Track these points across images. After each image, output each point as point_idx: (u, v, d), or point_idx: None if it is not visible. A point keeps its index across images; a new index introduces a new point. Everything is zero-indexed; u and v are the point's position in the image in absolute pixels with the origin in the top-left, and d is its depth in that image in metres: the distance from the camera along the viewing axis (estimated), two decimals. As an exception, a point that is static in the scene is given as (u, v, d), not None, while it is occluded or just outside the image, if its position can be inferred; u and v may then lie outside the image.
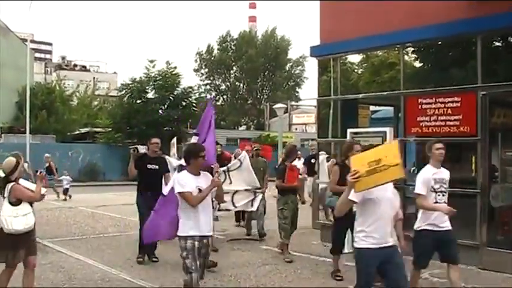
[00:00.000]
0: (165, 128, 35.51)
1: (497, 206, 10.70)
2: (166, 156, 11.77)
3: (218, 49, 69.71)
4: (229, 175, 12.27)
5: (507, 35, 11.14)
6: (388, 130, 11.44)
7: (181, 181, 6.77)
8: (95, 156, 37.09)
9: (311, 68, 77.16)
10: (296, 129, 62.49)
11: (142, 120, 35.46)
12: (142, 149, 11.12)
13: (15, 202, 7.49)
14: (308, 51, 14.60)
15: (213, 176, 7.20)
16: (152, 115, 35.86)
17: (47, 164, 22.69)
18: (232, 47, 69.96)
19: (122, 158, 33.20)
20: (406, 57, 12.64)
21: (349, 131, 12.14)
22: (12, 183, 7.51)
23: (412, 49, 12.72)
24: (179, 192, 6.71)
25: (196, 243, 6.73)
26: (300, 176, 14.25)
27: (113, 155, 35.62)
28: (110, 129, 37.88)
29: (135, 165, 10.77)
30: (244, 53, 67.46)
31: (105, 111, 48.15)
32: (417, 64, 13.11)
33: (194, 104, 39.16)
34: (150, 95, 37.57)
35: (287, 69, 71.71)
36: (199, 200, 6.69)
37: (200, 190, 6.74)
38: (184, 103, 38.13)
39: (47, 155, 23.74)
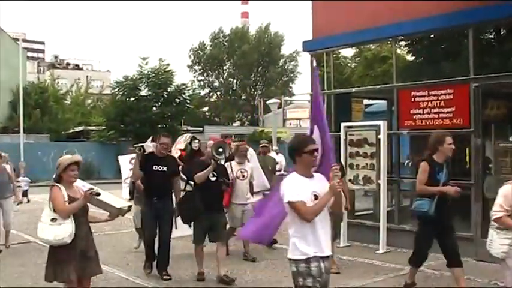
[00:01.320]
0: (159, 125, 35.48)
1: (491, 198, 10.72)
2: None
3: (210, 45, 69.58)
4: None
5: (498, 27, 11.19)
6: (382, 123, 11.46)
7: (291, 186, 5.20)
8: (89, 154, 36.97)
9: (304, 62, 77.19)
10: (290, 124, 62.51)
11: (136, 117, 35.42)
12: (150, 148, 9.55)
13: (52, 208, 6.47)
14: (301, 46, 14.58)
15: None
16: (146, 112, 35.82)
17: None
18: (224, 43, 69.84)
19: (116, 156, 33.14)
20: (398, 51, 12.67)
21: (342, 125, 12.15)
22: (54, 186, 6.53)
23: (405, 42, 12.75)
24: (289, 202, 5.13)
25: (322, 265, 5.22)
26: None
27: (107, 153, 35.57)
28: (104, 127, 37.81)
29: (141, 166, 9.29)
30: (237, 48, 67.37)
31: (99, 110, 48.06)
32: (410, 57, 13.15)
33: (188, 101, 39.13)
34: (144, 92, 37.51)
35: (280, 64, 71.63)
36: (315, 212, 5.10)
37: (316, 197, 5.17)
38: (178, 100, 38.09)
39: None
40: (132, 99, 36.99)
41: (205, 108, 65.82)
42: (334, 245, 8.62)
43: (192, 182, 9.41)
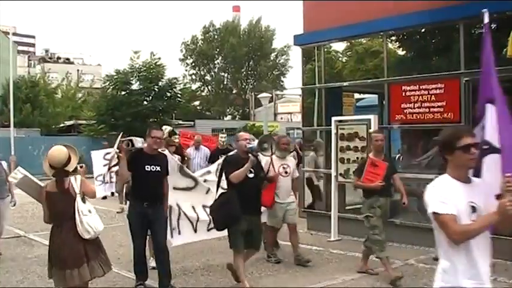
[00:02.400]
0: (150, 120, 35.41)
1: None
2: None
3: (202, 39, 69.51)
4: None
5: (489, 22, 11.19)
6: (373, 118, 11.48)
7: (438, 193, 3.90)
8: (80, 149, 35.84)
9: (296, 57, 77.21)
10: (282, 118, 62.55)
11: (127, 111, 35.28)
12: (139, 143, 8.54)
13: (83, 199, 6.55)
14: (292, 40, 14.59)
15: None
16: (137, 106, 35.67)
17: None
18: (216, 37, 69.79)
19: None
20: (389, 45, 12.69)
21: (333, 119, 12.18)
22: (79, 176, 6.58)
23: (396, 37, 12.77)
24: (435, 213, 3.82)
25: None
26: None
27: (98, 147, 35.37)
28: (94, 121, 37.68)
29: (129, 166, 7.98)
30: (227, 42, 67.34)
31: (90, 104, 47.89)
32: (401, 51, 13.18)
33: (179, 95, 39.04)
34: (135, 86, 37.36)
35: (272, 58, 71.67)
36: (468, 234, 3.78)
37: (474, 209, 3.84)
38: (169, 94, 37.99)
39: None
40: (123, 93, 36.85)
41: (197, 102, 65.77)
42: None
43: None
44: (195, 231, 9.31)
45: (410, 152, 12.84)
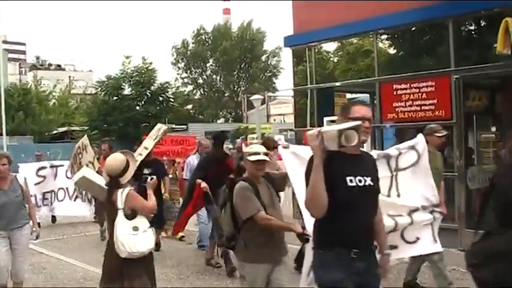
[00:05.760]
0: (143, 124, 35.38)
1: (474, 188, 10.80)
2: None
3: (193, 43, 69.43)
4: (396, 180, 6.55)
5: (478, 19, 11.26)
6: (365, 117, 11.48)
7: None
8: (73, 155, 36.74)
9: (287, 58, 77.21)
10: (274, 120, 62.49)
11: (119, 117, 35.23)
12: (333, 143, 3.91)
13: (131, 215, 5.95)
14: (282, 41, 14.65)
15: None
16: (129, 112, 35.63)
17: None
18: (207, 40, 69.72)
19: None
20: (380, 44, 12.72)
21: (326, 119, 12.19)
22: (127, 189, 6.02)
23: (386, 36, 12.80)
24: None
25: None
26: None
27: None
28: (87, 127, 37.59)
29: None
30: (219, 45, 67.31)
31: (82, 110, 47.75)
32: (391, 50, 13.20)
33: (172, 99, 39.00)
34: (127, 91, 37.31)
35: (263, 60, 71.64)
36: None
37: None
38: (161, 98, 37.96)
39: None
40: (115, 98, 36.81)
41: (189, 106, 65.68)
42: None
43: None
44: None
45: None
